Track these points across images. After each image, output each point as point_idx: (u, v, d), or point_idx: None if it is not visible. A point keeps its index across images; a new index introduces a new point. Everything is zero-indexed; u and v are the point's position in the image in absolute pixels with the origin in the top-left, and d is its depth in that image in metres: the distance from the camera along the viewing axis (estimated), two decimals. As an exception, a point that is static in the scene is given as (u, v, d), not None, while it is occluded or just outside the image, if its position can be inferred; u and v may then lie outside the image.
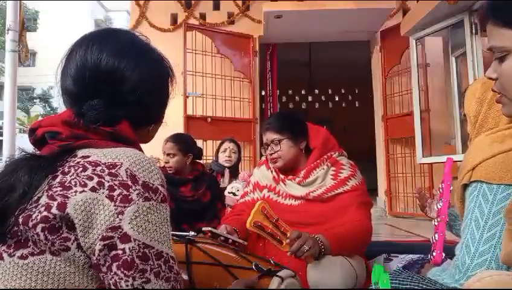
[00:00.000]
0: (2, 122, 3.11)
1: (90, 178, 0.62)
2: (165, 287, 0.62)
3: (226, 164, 3.07)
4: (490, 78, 0.79)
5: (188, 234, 1.19)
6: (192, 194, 2.34)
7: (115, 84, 0.72)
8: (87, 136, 0.70)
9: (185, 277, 1.01)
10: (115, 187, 0.62)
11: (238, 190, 2.34)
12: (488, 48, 0.78)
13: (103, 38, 0.75)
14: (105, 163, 0.64)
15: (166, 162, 2.38)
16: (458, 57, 4.51)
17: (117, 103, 0.73)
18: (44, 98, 21.75)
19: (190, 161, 2.42)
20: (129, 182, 0.63)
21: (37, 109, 21.66)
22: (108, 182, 0.62)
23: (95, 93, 0.71)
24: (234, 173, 3.06)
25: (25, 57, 3.01)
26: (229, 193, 2.47)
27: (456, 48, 4.50)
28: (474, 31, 4.03)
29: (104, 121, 0.71)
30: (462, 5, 3.98)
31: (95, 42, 0.74)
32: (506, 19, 0.74)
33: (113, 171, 0.63)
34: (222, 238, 1.38)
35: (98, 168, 0.64)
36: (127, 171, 0.64)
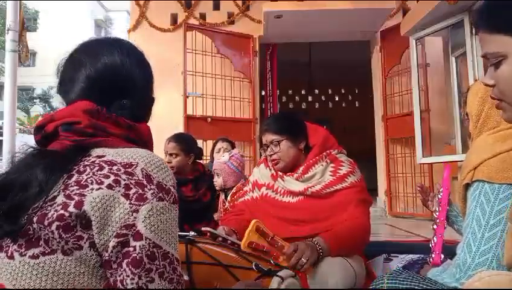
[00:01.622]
0: (2, 122, 3.11)
1: (107, 176, 0.64)
2: (167, 288, 0.63)
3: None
4: (487, 85, 0.78)
5: (188, 234, 1.19)
6: (193, 194, 2.34)
7: (135, 87, 0.79)
8: (105, 127, 0.72)
9: (186, 277, 1.01)
10: (131, 186, 0.64)
11: (223, 156, 2.39)
12: (482, 54, 0.78)
13: (130, 48, 0.82)
14: (121, 162, 0.66)
15: (168, 162, 2.37)
16: (458, 57, 4.51)
17: (140, 105, 0.79)
18: (44, 98, 21.76)
19: (192, 160, 2.42)
20: (144, 182, 0.65)
21: (37, 109, 21.68)
22: (125, 180, 0.64)
23: (121, 94, 0.77)
24: None
25: (25, 57, 3.01)
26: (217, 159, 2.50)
27: (456, 48, 4.50)
28: (474, 31, 4.02)
29: (129, 117, 0.76)
30: (462, 5, 3.98)
31: (126, 49, 0.80)
32: (497, 24, 0.74)
33: (129, 170, 0.65)
34: (220, 238, 1.38)
35: (114, 167, 0.65)
36: (142, 171, 0.66)
